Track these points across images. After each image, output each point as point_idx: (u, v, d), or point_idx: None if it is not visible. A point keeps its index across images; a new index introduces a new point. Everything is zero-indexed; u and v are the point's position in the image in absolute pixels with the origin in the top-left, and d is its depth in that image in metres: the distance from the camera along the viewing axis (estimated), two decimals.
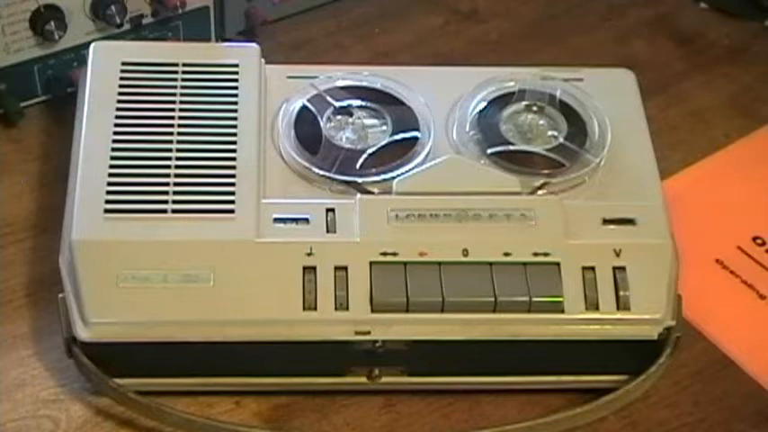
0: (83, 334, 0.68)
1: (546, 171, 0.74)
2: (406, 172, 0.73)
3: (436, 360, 0.72)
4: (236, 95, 0.75)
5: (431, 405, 0.73)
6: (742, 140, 0.90)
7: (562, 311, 0.69)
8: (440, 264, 0.69)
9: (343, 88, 0.78)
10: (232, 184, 0.71)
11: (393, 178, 0.73)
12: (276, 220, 0.70)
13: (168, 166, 0.71)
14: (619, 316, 0.70)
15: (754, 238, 0.83)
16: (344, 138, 0.75)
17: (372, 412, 0.73)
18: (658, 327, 0.71)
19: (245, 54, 0.78)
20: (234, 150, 0.72)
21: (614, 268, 0.70)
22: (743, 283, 0.80)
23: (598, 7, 1.01)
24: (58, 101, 0.88)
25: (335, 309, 0.68)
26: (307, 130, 0.75)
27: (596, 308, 0.70)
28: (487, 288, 0.69)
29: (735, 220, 0.84)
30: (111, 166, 0.71)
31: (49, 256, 0.75)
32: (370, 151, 0.74)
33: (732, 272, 0.81)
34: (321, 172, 0.73)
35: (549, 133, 0.77)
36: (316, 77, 0.78)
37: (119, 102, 0.74)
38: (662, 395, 0.74)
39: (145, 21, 0.88)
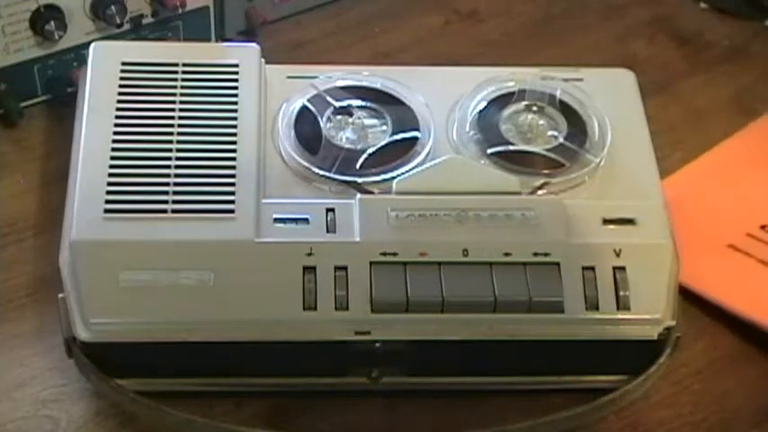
0: (83, 334, 0.68)
1: (546, 171, 0.74)
2: (406, 172, 0.73)
3: (436, 360, 0.72)
4: (236, 95, 0.75)
5: (431, 405, 0.73)
6: (738, 134, 0.90)
7: (562, 311, 0.69)
8: (440, 264, 0.69)
9: (343, 88, 0.78)
10: (232, 185, 0.71)
11: (393, 178, 0.72)
12: (276, 220, 0.70)
13: (168, 166, 0.71)
14: (619, 316, 0.70)
15: (762, 227, 0.83)
16: (344, 138, 0.75)
17: (372, 412, 0.73)
18: (658, 327, 0.71)
19: (245, 54, 0.78)
20: (234, 150, 0.72)
21: (614, 268, 0.70)
22: (759, 262, 0.80)
23: (598, 7, 1.01)
24: (57, 101, 0.88)
25: (335, 309, 0.68)
26: (307, 130, 0.75)
27: (596, 308, 0.69)
28: (487, 288, 0.69)
29: (736, 215, 0.84)
30: (111, 166, 0.71)
31: (49, 256, 0.75)
32: (370, 151, 0.74)
33: (746, 253, 0.81)
34: (321, 172, 0.73)
35: (549, 133, 0.77)
36: (316, 77, 0.78)
37: (119, 102, 0.74)
38: (662, 395, 0.74)
39: (145, 21, 0.88)
